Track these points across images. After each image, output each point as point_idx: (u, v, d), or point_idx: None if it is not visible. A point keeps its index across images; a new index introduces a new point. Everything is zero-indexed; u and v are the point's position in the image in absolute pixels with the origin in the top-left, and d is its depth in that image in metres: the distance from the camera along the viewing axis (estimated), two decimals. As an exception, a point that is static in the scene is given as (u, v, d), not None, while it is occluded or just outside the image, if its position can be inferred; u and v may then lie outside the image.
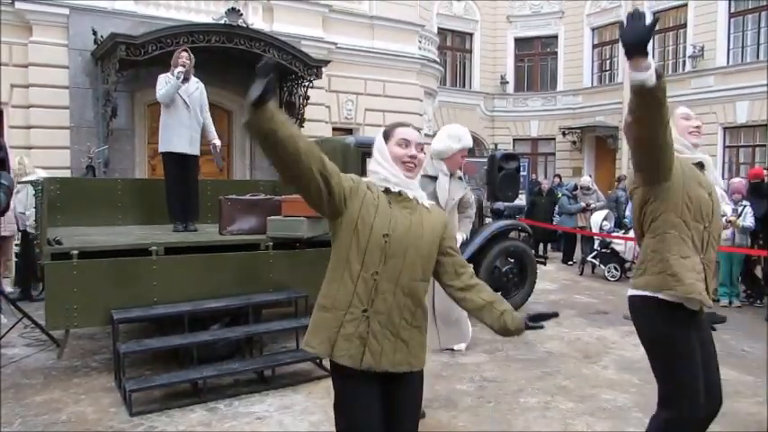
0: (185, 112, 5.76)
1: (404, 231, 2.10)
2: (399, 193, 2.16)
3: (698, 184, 2.58)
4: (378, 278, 2.07)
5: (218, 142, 6.12)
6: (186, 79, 5.75)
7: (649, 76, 2.08)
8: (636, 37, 2.02)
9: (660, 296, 2.55)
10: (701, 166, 2.70)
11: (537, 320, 2.19)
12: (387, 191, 2.16)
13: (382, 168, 2.18)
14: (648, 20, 2.01)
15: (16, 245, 8.05)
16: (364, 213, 2.09)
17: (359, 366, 2.06)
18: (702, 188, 2.59)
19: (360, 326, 2.07)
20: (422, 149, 2.23)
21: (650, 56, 2.07)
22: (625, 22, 2.04)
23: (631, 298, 2.72)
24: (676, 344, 2.55)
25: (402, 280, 2.09)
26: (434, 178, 3.94)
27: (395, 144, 2.19)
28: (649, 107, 2.18)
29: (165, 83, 5.69)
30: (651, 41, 2.10)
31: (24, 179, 7.08)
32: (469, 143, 4.01)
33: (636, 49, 2.03)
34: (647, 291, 2.60)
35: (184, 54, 5.79)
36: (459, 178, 4.14)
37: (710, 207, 2.58)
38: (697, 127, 2.75)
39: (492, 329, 2.22)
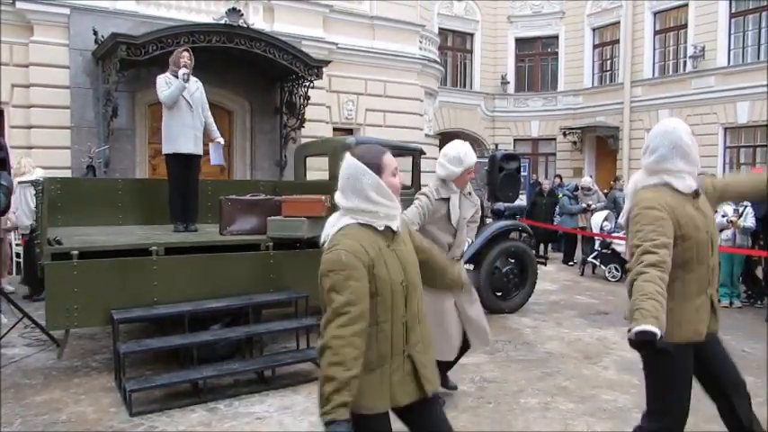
0: (188, 113, 5.76)
1: (410, 269, 2.16)
2: (392, 230, 2.13)
3: (695, 228, 2.50)
4: (405, 320, 2.12)
5: (221, 140, 6.14)
6: (187, 79, 5.76)
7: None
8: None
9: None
10: (696, 194, 2.59)
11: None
12: (374, 229, 2.07)
13: (382, 206, 2.06)
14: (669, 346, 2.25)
15: (17, 244, 8.08)
16: (378, 274, 2.02)
17: (428, 396, 2.17)
18: (700, 231, 2.51)
19: (405, 366, 2.13)
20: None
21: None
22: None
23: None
24: (673, 370, 2.54)
25: (417, 309, 2.19)
26: (447, 200, 3.94)
27: (390, 175, 2.11)
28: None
29: (165, 84, 5.68)
30: (652, 43, 2.11)
31: (22, 179, 7.09)
32: (472, 162, 3.95)
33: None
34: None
35: (186, 54, 5.78)
36: (470, 193, 4.14)
37: (709, 245, 2.56)
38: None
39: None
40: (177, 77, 5.65)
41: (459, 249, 4.03)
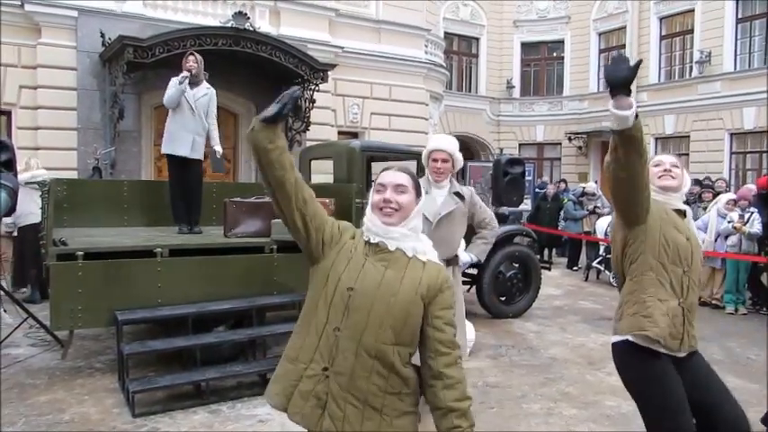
0: (190, 116, 5.79)
1: (371, 286, 1.89)
2: (377, 245, 1.97)
3: (674, 228, 2.56)
4: (339, 334, 1.88)
5: (218, 149, 6.12)
6: (196, 83, 5.78)
7: (630, 115, 2.13)
8: (621, 76, 2.09)
9: (634, 340, 2.51)
10: (682, 213, 2.67)
11: None
12: (367, 241, 2.00)
13: (366, 219, 2.03)
14: (632, 63, 2.07)
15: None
16: (337, 264, 1.95)
17: (315, 430, 1.87)
18: (680, 233, 2.57)
19: (318, 385, 1.88)
20: (402, 191, 1.99)
21: (632, 96, 2.14)
22: (609, 63, 2.10)
23: (613, 346, 2.66)
24: (661, 393, 2.49)
25: (365, 340, 1.86)
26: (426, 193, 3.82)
27: (374, 191, 2.03)
28: (629, 146, 2.23)
29: (172, 86, 5.73)
30: (658, 48, 2.12)
31: (28, 180, 7.11)
32: (437, 145, 3.85)
33: (620, 88, 2.10)
34: (624, 334, 2.57)
35: (191, 58, 5.82)
36: (456, 193, 3.94)
37: (689, 251, 2.57)
38: (666, 170, 2.67)
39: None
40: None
41: (442, 249, 3.73)
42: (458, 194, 3.95)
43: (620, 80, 2.09)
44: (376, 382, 1.87)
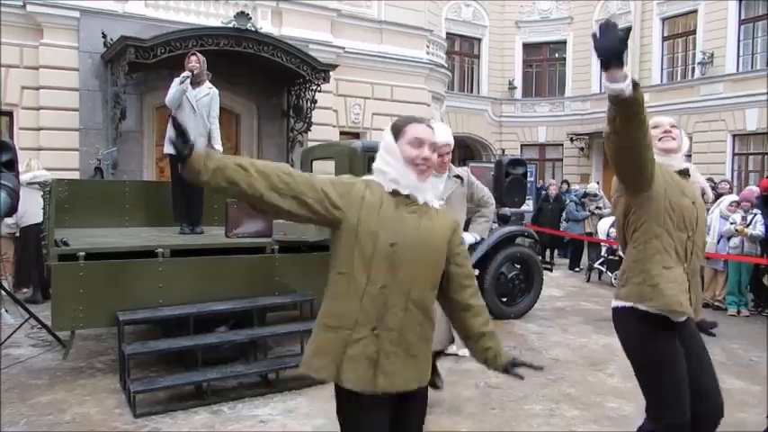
0: (191, 116, 5.79)
1: (413, 238, 1.91)
2: (408, 196, 1.96)
3: (681, 193, 2.53)
4: (387, 292, 1.89)
5: (219, 147, 6.11)
6: (198, 83, 5.78)
7: (626, 86, 2.05)
8: (611, 47, 1.97)
9: (641, 307, 2.52)
10: (685, 173, 2.65)
11: (519, 367, 2.07)
12: (394, 192, 1.96)
13: (391, 168, 1.96)
14: (621, 29, 1.96)
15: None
16: (365, 220, 1.89)
17: (373, 390, 1.88)
18: (686, 196, 2.54)
19: (369, 346, 1.89)
20: (435, 150, 2.00)
21: (625, 66, 2.05)
22: (598, 33, 1.97)
23: (614, 309, 2.68)
24: (659, 356, 2.52)
25: (413, 292, 1.92)
26: None
27: (406, 143, 1.97)
28: (627, 117, 2.15)
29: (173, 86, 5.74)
30: (660, 49, 2.08)
31: (30, 181, 7.11)
32: (444, 139, 3.81)
33: (611, 60, 2.00)
34: (628, 302, 2.58)
35: (193, 58, 5.82)
36: (456, 176, 4.08)
37: (694, 216, 2.54)
38: (666, 131, 2.63)
39: (472, 356, 2.14)
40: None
41: None
42: (457, 177, 4.12)
43: (609, 51, 1.98)
44: (417, 331, 1.96)
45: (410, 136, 1.98)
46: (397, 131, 2.02)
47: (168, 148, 5.82)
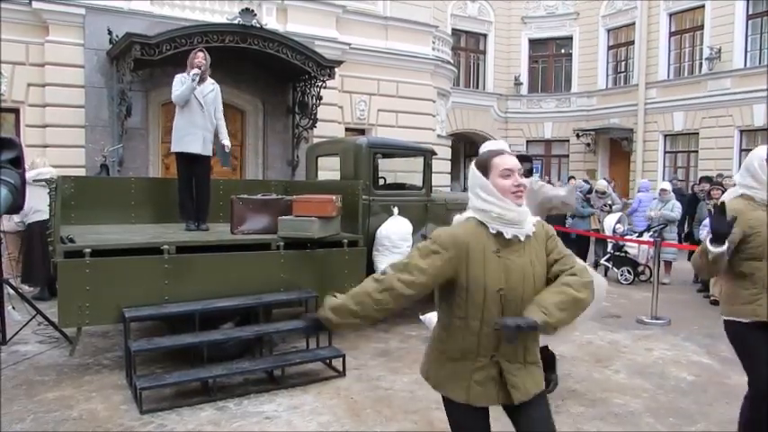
0: (199, 113, 5.79)
1: (517, 281, 2.10)
2: (510, 240, 2.14)
3: (758, 236, 2.96)
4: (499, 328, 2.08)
5: (227, 143, 6.12)
6: (202, 80, 5.78)
7: (723, 250, 2.78)
8: (723, 232, 2.75)
9: (743, 320, 3.07)
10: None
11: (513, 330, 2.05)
12: (498, 235, 2.13)
13: (493, 206, 2.12)
14: (729, 221, 2.72)
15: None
16: (473, 272, 2.10)
17: (504, 402, 2.17)
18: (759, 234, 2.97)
19: (491, 370, 2.14)
20: (522, 174, 2.19)
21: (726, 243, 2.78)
22: (713, 217, 2.77)
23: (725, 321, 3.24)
24: (748, 343, 3.07)
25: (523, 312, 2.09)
26: None
27: (498, 177, 2.14)
28: (716, 262, 2.85)
29: (180, 83, 5.73)
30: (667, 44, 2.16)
31: (35, 178, 7.13)
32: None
33: (721, 238, 2.76)
34: (728, 316, 3.16)
35: (200, 55, 5.81)
36: None
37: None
38: None
39: None
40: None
41: None
42: None
43: (722, 235, 2.75)
44: (528, 344, 2.19)
45: (500, 168, 2.15)
46: (485, 168, 2.18)
47: (177, 146, 5.83)
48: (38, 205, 7.09)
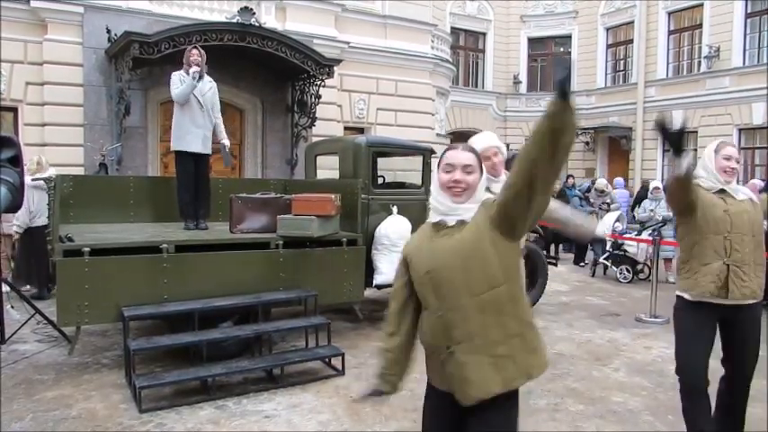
0: (199, 112, 5.79)
1: (445, 258, 2.01)
2: (438, 224, 2.09)
3: (712, 206, 3.17)
4: (440, 312, 2.02)
5: (227, 142, 6.12)
6: (201, 77, 5.78)
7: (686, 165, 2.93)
8: (674, 137, 2.91)
9: (685, 296, 3.28)
10: (722, 191, 3.23)
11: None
12: (435, 224, 2.11)
13: (433, 198, 2.12)
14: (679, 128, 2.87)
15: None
16: (414, 263, 2.13)
17: (465, 401, 2.02)
18: (717, 208, 3.17)
19: (448, 364, 2.02)
20: (470, 171, 2.05)
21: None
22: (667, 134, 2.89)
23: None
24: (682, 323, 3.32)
25: (466, 304, 1.98)
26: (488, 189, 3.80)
27: (441, 171, 2.09)
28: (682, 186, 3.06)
29: (179, 81, 5.72)
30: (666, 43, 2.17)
31: (38, 176, 7.13)
32: (486, 143, 3.81)
33: (679, 152, 2.92)
34: (678, 291, 3.33)
35: (195, 52, 5.81)
36: None
37: (727, 221, 3.16)
38: (733, 168, 3.23)
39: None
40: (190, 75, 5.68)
41: None
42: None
43: (677, 140, 2.87)
44: (495, 335, 2.02)
45: (444, 162, 2.10)
46: (439, 162, 2.15)
47: (178, 145, 5.82)
48: (45, 210, 7.05)
